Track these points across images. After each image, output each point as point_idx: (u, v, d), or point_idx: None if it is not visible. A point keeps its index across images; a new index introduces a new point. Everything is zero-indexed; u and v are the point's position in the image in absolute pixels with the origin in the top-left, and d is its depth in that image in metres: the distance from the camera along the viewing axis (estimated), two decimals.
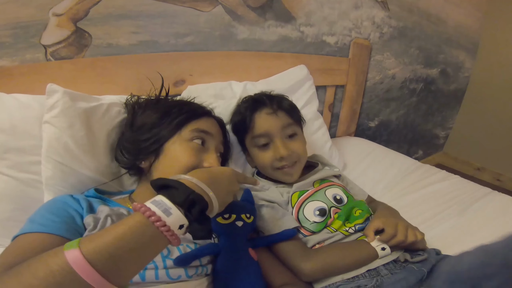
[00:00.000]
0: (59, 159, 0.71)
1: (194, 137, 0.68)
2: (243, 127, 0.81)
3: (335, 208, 0.73)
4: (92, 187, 0.72)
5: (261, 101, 0.80)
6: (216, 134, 0.72)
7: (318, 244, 0.69)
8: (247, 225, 0.62)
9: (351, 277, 0.62)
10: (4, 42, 0.82)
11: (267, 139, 0.78)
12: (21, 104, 0.77)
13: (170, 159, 0.67)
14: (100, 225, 0.54)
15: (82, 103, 0.76)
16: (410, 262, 0.63)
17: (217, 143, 0.71)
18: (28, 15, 0.83)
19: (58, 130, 0.71)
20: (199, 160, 0.66)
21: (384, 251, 0.63)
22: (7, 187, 0.72)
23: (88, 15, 0.89)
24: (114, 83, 0.94)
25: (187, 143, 0.67)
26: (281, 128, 0.78)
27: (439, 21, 1.76)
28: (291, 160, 0.78)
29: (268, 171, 0.81)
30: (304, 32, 1.30)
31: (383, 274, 0.61)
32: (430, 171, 1.15)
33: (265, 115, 0.78)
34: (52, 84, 0.74)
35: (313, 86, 1.23)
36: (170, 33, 1.02)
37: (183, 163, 0.65)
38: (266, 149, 0.79)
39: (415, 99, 1.92)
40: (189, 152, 0.66)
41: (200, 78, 1.06)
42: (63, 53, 0.89)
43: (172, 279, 0.53)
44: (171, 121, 0.70)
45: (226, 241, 0.61)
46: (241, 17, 1.13)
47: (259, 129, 0.78)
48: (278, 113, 0.78)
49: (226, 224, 0.61)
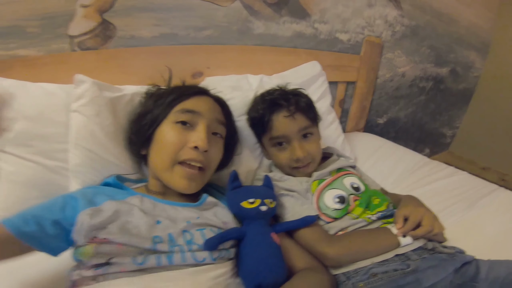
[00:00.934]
0: (87, 146, 0.74)
1: (180, 117, 0.67)
2: (261, 126, 0.84)
3: (354, 196, 0.76)
4: (115, 174, 0.75)
5: (279, 104, 0.81)
6: (207, 112, 0.70)
7: (341, 231, 0.71)
8: (270, 210, 0.65)
9: (381, 261, 0.63)
10: (31, 32, 0.85)
11: (284, 141, 0.81)
12: (47, 93, 0.79)
13: (158, 143, 0.68)
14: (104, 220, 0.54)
15: (107, 92, 0.79)
16: (438, 251, 0.65)
17: (209, 122, 0.69)
18: (56, 5, 0.86)
19: (86, 118, 0.74)
20: (185, 139, 0.65)
21: (405, 239, 0.66)
22: (33, 173, 0.74)
23: (113, 7, 0.92)
24: (134, 74, 0.97)
25: (173, 125, 0.67)
26: (297, 131, 0.80)
27: (451, 20, 1.77)
28: (306, 161, 0.81)
29: (285, 169, 0.84)
30: (318, 29, 1.32)
31: (413, 259, 0.63)
32: (438, 167, 1.18)
33: (282, 118, 0.80)
34: (79, 74, 0.77)
35: (326, 82, 1.25)
36: (189, 26, 1.05)
37: (167, 146, 0.65)
38: (283, 149, 0.82)
39: (424, 97, 1.94)
40: (172, 133, 0.66)
41: (216, 71, 1.09)
42: (89, 44, 0.92)
43: (198, 261, 0.55)
44: (161, 105, 0.71)
45: (250, 225, 0.63)
46: (257, 13, 1.16)
47: (276, 131, 0.80)
48: (296, 116, 0.80)
49: (251, 209, 0.63)
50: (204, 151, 0.65)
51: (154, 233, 0.56)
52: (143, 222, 0.57)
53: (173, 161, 0.65)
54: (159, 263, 0.53)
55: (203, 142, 0.64)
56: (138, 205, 0.61)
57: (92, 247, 0.52)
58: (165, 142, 0.66)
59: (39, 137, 0.75)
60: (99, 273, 0.51)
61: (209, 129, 0.69)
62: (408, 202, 0.75)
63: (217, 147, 0.72)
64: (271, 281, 0.54)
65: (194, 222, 0.61)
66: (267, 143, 0.85)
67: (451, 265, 0.61)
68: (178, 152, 0.65)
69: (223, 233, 0.61)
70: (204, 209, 0.67)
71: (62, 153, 0.76)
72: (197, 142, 0.64)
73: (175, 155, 0.65)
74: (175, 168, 0.65)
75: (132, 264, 0.52)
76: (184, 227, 0.59)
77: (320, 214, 0.73)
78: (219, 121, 0.73)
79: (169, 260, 0.53)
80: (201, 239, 0.58)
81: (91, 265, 0.52)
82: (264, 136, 0.85)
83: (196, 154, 0.64)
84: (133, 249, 0.53)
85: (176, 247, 0.55)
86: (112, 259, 0.52)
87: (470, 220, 0.89)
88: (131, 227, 0.56)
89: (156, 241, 0.55)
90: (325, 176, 0.81)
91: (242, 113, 0.93)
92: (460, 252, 0.68)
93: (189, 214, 0.63)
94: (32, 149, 0.75)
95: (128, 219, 0.57)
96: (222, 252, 0.60)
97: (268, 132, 0.82)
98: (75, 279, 0.53)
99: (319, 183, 0.79)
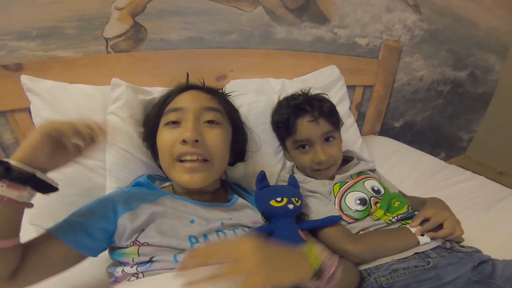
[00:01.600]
0: (122, 145, 0.78)
1: (168, 118, 0.69)
2: (285, 130, 0.88)
3: (375, 198, 0.79)
4: (148, 173, 0.79)
5: (303, 109, 0.85)
6: (190, 104, 0.69)
7: (362, 230, 0.75)
8: (297, 208, 0.68)
9: (401, 258, 0.67)
10: (70, 34, 0.90)
11: (307, 144, 0.85)
12: (85, 94, 0.84)
13: (159, 149, 0.70)
14: (142, 223, 0.57)
15: (140, 95, 0.84)
16: (456, 250, 0.68)
17: (196, 113, 0.67)
18: (93, 7, 0.90)
19: (121, 120, 0.79)
20: (175, 137, 0.65)
21: (424, 238, 0.69)
22: (72, 172, 0.78)
23: (145, 10, 0.97)
24: (163, 76, 1.01)
25: (164, 128, 0.69)
26: (320, 135, 0.84)
27: (470, 24, 1.76)
28: (328, 163, 0.84)
29: (306, 171, 0.88)
30: (337, 34, 1.35)
31: (433, 257, 0.66)
32: (456, 171, 1.19)
33: (306, 122, 0.83)
34: (116, 78, 0.82)
35: (344, 86, 1.28)
36: (215, 30, 1.09)
37: (163, 147, 0.67)
38: (306, 152, 0.85)
39: (441, 101, 1.93)
40: (163, 135, 0.68)
41: (239, 74, 1.13)
42: (122, 46, 0.97)
43: None
44: (155, 111, 0.74)
45: (278, 223, 0.66)
46: (279, 18, 1.20)
47: (300, 135, 0.84)
48: (319, 121, 0.83)
49: (279, 207, 0.66)
50: (195, 141, 0.63)
51: (189, 233, 0.59)
52: (177, 222, 0.60)
53: (171, 160, 0.66)
54: None
55: (189, 133, 0.63)
56: (170, 205, 0.64)
57: (135, 248, 0.56)
58: (161, 145, 0.68)
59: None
60: (142, 270, 0.54)
61: (198, 119, 0.67)
62: (432, 204, 0.78)
63: (214, 133, 0.68)
64: None
65: (228, 223, 0.63)
66: (290, 146, 0.89)
67: (470, 262, 0.64)
68: (171, 150, 0.66)
69: (253, 231, 0.65)
70: (235, 210, 0.70)
71: (100, 153, 0.80)
72: (183, 134, 0.63)
73: (170, 154, 0.66)
74: (175, 166, 0.66)
75: (173, 262, 0.54)
76: (217, 227, 0.62)
77: (342, 215, 0.77)
78: (209, 108, 0.70)
79: None
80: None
81: (135, 263, 0.56)
82: (288, 139, 0.89)
83: (187, 147, 0.64)
84: (172, 250, 0.56)
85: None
86: (155, 257, 0.55)
87: (487, 223, 0.90)
88: (167, 229, 0.58)
89: (193, 242, 0.58)
90: (346, 179, 0.85)
91: (266, 115, 0.96)
92: (477, 252, 0.71)
93: (222, 214, 0.66)
94: None
95: (163, 220, 0.60)
96: None
97: (292, 136, 0.86)
98: (118, 276, 0.57)
99: (341, 185, 0.82)
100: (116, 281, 0.57)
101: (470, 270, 0.63)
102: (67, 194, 0.79)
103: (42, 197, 0.79)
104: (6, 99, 0.84)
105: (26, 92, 0.83)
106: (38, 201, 0.79)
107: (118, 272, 0.57)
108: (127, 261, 0.57)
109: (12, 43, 0.84)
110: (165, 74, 1.02)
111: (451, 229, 0.68)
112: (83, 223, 0.57)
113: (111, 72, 0.94)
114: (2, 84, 0.83)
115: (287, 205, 0.67)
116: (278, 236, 0.64)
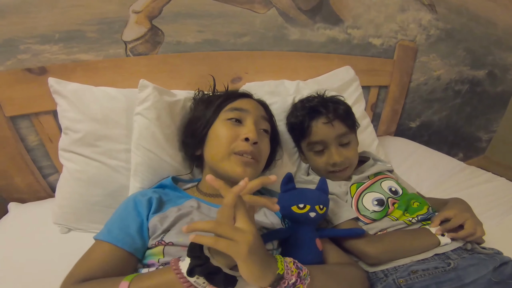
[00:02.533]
0: (147, 146, 0.80)
1: (230, 115, 0.74)
2: (300, 132, 0.88)
3: (392, 199, 0.78)
4: (171, 175, 0.80)
5: (318, 111, 0.85)
6: (253, 109, 0.76)
7: (380, 231, 0.74)
8: (319, 216, 0.65)
9: (421, 259, 0.66)
10: (91, 37, 0.92)
11: (322, 146, 0.85)
12: (110, 96, 0.87)
13: (213, 140, 0.74)
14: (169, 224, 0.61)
15: (166, 97, 0.86)
16: (477, 252, 0.66)
17: (256, 118, 0.75)
18: (112, 11, 0.92)
19: (148, 120, 0.80)
20: (236, 134, 0.71)
21: (445, 239, 0.67)
22: (97, 172, 0.81)
23: (161, 13, 0.98)
24: (180, 78, 1.04)
25: (224, 122, 0.74)
26: (335, 137, 0.84)
27: (488, 22, 1.73)
28: (343, 165, 0.84)
29: (321, 173, 0.88)
30: (351, 34, 1.34)
31: (453, 258, 0.65)
32: (476, 173, 1.16)
33: (321, 124, 0.84)
34: (144, 80, 0.84)
35: (360, 87, 1.27)
36: (229, 32, 1.10)
37: (222, 139, 0.71)
38: (321, 154, 0.85)
39: (459, 100, 1.89)
40: (224, 129, 0.72)
41: (254, 76, 1.14)
42: (140, 49, 0.99)
43: None
44: (212, 107, 0.78)
45: (296, 229, 0.64)
46: (292, 19, 1.20)
47: (315, 136, 0.85)
48: (334, 123, 0.83)
49: (300, 214, 0.64)
50: (254, 143, 0.70)
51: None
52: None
53: (229, 152, 0.70)
54: None
55: (253, 134, 0.69)
56: (195, 208, 0.66)
57: (161, 248, 0.58)
58: (220, 137, 0.72)
59: (104, 138, 0.82)
60: None
61: (256, 124, 0.74)
62: (454, 205, 0.76)
63: (264, 141, 0.77)
64: None
65: None
66: (305, 147, 0.89)
67: (491, 263, 0.62)
68: (232, 144, 0.70)
69: (271, 232, 0.65)
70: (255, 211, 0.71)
71: (123, 153, 0.82)
72: (247, 134, 0.70)
73: (230, 147, 0.70)
74: (231, 158, 0.70)
75: None
76: None
77: (359, 216, 0.76)
78: (264, 117, 0.79)
79: None
80: None
81: (160, 264, 0.58)
82: (303, 141, 0.89)
83: (248, 146, 0.69)
84: None
85: None
86: (181, 257, 0.56)
87: (508, 225, 0.89)
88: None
89: None
90: (363, 180, 0.84)
91: (281, 118, 0.97)
92: (498, 253, 0.69)
93: None
94: (98, 149, 0.82)
95: (188, 221, 0.62)
96: (273, 251, 0.63)
97: (307, 137, 0.86)
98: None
99: (358, 186, 0.82)
100: None
101: (491, 271, 0.61)
102: (91, 194, 0.82)
103: (65, 197, 0.83)
104: (31, 102, 0.87)
105: (53, 94, 0.86)
106: (61, 201, 0.83)
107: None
108: (153, 262, 0.59)
109: (35, 47, 0.86)
110: (182, 77, 1.04)
111: (472, 230, 0.66)
112: (125, 227, 0.61)
113: (131, 75, 0.97)
114: (27, 88, 0.86)
115: (309, 213, 0.64)
116: (293, 242, 0.63)
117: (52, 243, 0.80)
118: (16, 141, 0.90)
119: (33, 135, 0.93)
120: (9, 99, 0.85)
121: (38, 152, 0.96)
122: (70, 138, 0.83)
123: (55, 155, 0.92)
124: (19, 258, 0.74)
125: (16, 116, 0.89)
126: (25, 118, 0.90)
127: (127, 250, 0.58)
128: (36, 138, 0.94)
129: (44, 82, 0.86)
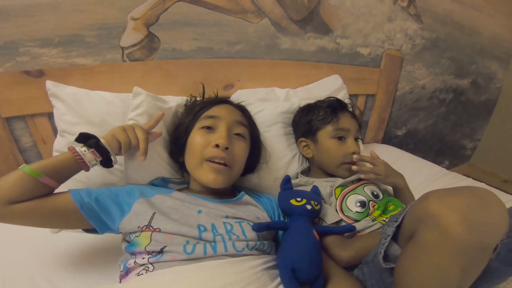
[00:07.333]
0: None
1: (204, 123, 0.77)
2: (324, 119, 0.93)
3: (373, 202, 0.83)
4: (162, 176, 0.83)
5: (344, 105, 0.98)
6: (227, 115, 0.78)
7: (358, 232, 0.78)
8: (315, 210, 0.73)
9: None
10: (89, 42, 0.94)
11: (345, 134, 0.91)
12: (107, 101, 0.89)
13: (189, 147, 0.77)
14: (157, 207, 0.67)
15: (159, 103, 0.89)
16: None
17: (229, 124, 0.77)
18: (112, 17, 0.95)
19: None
20: (208, 141, 0.74)
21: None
22: (95, 174, 0.82)
23: (158, 20, 1.02)
24: (174, 84, 1.07)
25: (198, 131, 0.77)
26: (355, 131, 0.93)
27: (472, 32, 1.80)
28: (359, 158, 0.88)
29: (333, 162, 0.91)
30: (340, 44, 1.40)
31: None
32: (457, 178, 1.22)
33: (348, 115, 0.95)
34: (137, 87, 0.87)
35: (347, 95, 1.32)
36: (223, 40, 1.14)
37: (195, 148, 0.75)
38: (343, 142, 0.91)
39: (444, 109, 1.96)
40: (198, 137, 0.76)
41: (246, 83, 1.18)
42: (137, 55, 1.02)
43: (238, 251, 0.62)
44: (190, 115, 0.81)
45: (296, 221, 0.70)
46: (284, 29, 1.25)
47: (343, 124, 0.92)
48: (354, 119, 0.95)
49: (298, 206, 0.72)
50: (225, 148, 0.73)
51: (198, 222, 0.65)
52: (186, 212, 0.67)
53: (201, 159, 0.74)
54: (205, 253, 0.60)
55: (223, 140, 0.72)
56: (181, 197, 0.71)
57: (149, 234, 0.61)
58: (193, 145, 0.76)
59: None
60: (152, 261, 0.58)
61: (230, 130, 0.77)
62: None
63: (239, 145, 0.78)
64: (305, 269, 0.60)
65: (232, 216, 0.69)
66: (326, 134, 0.92)
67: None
68: (203, 151, 0.74)
69: (270, 222, 0.73)
70: (239, 205, 0.76)
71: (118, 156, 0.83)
72: (217, 140, 0.73)
73: (201, 154, 0.74)
74: (203, 165, 0.73)
75: (183, 254, 0.58)
76: (223, 219, 0.68)
77: (342, 216, 0.81)
78: (239, 122, 0.80)
79: (213, 250, 0.61)
80: (239, 230, 0.66)
81: (146, 252, 0.60)
82: (325, 128, 0.93)
83: (218, 152, 0.72)
84: (182, 238, 0.61)
85: (218, 236, 0.63)
86: (165, 248, 0.60)
87: None
88: (178, 217, 0.65)
89: (202, 230, 0.63)
90: (348, 183, 0.89)
91: (271, 123, 1.01)
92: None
93: (228, 209, 0.71)
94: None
95: (174, 209, 0.67)
96: (256, 243, 0.67)
97: (334, 124, 0.92)
98: (130, 267, 0.61)
99: (342, 189, 0.86)
100: (126, 273, 0.61)
101: None
102: None
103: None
104: (27, 104, 0.89)
105: (51, 97, 0.87)
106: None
107: (131, 263, 0.61)
108: (139, 250, 0.61)
109: (34, 50, 0.88)
110: (177, 83, 1.07)
111: (379, 170, 0.85)
112: (99, 194, 0.67)
113: (126, 79, 0.99)
114: (24, 90, 0.88)
115: (306, 205, 0.72)
116: (292, 231, 0.68)
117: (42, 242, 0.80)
118: (10, 142, 0.92)
119: (27, 136, 0.95)
120: (6, 101, 0.87)
121: (31, 153, 0.97)
122: (67, 140, 0.85)
123: (48, 156, 0.93)
124: (10, 258, 0.74)
125: (12, 117, 0.90)
126: (20, 120, 0.92)
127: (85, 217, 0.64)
128: (30, 140, 0.95)
129: (42, 85, 0.88)
